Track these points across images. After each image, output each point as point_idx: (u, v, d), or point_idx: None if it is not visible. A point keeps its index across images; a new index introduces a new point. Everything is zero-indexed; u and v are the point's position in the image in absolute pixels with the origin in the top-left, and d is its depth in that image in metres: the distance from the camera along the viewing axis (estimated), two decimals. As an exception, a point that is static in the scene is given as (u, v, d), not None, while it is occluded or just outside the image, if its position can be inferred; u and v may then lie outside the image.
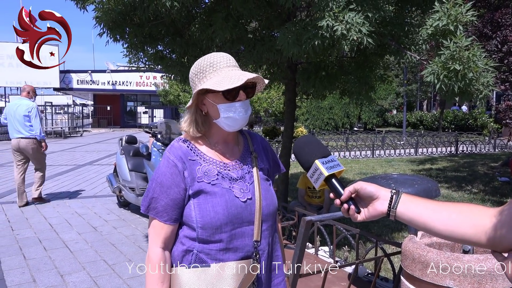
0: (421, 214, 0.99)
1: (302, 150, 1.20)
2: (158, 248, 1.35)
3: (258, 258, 1.37)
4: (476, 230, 0.91)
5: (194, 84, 1.39)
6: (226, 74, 1.33)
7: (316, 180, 1.15)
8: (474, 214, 0.93)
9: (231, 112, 1.35)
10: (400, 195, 1.04)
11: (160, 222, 1.35)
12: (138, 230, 5.51)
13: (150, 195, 1.36)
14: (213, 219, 1.31)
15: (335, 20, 2.97)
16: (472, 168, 11.14)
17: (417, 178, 2.72)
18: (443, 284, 2.13)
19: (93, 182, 8.97)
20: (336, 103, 24.57)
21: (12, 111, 6.52)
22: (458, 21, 3.05)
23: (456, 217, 0.95)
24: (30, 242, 4.94)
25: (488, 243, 0.90)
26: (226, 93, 1.33)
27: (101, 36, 3.91)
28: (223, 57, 1.38)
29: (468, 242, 0.95)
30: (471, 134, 20.57)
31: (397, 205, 1.02)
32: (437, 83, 3.01)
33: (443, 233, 0.97)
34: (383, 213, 1.05)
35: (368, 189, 1.06)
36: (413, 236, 2.47)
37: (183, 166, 1.35)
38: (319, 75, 4.40)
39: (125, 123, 34.34)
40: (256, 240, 1.38)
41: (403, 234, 5.23)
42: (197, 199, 1.34)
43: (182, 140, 1.43)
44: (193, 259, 1.34)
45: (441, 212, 0.97)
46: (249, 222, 1.37)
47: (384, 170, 10.65)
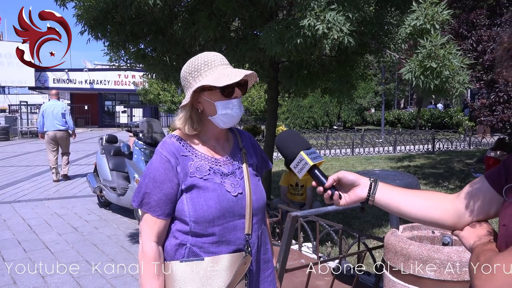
0: (396, 200, 1.15)
1: (286, 142, 1.30)
2: (152, 243, 1.37)
3: (249, 250, 1.41)
4: (442, 213, 1.09)
5: (188, 83, 1.42)
6: (222, 72, 1.37)
7: (300, 170, 1.25)
8: (439, 200, 1.11)
9: (228, 109, 1.39)
10: (378, 183, 1.18)
11: (153, 216, 1.37)
12: (120, 230, 5.46)
13: (143, 190, 1.38)
14: (206, 213, 1.34)
15: (317, 19, 3.03)
16: (449, 165, 11.43)
17: (398, 173, 2.79)
18: (425, 276, 2.21)
19: (72, 183, 8.82)
20: (316, 101, 24.79)
21: (50, 110, 8.40)
22: (434, 20, 3.15)
23: (425, 202, 1.12)
24: (9, 244, 4.84)
25: (451, 223, 1.08)
26: (223, 90, 1.37)
27: (82, 34, 3.86)
28: (217, 56, 1.42)
29: (435, 224, 1.12)
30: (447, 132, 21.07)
31: (376, 191, 1.16)
32: (414, 80, 3.10)
33: (414, 216, 1.13)
34: (362, 198, 1.18)
35: (350, 177, 1.19)
36: (395, 230, 2.55)
37: (175, 161, 1.37)
38: (301, 73, 4.45)
39: (103, 123, 33.79)
40: (247, 233, 1.41)
41: (383, 229, 5.35)
42: (189, 194, 1.37)
43: (174, 136, 1.45)
44: (186, 253, 1.36)
45: (413, 198, 1.14)
46: (240, 216, 1.41)
47: (364, 167, 10.83)
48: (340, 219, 5.78)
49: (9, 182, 8.83)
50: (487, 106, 8.26)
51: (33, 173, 10.10)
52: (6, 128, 20.85)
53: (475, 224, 1.04)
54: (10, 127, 21.90)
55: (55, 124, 8.50)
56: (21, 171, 10.35)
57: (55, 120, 8.50)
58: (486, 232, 1.00)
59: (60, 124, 8.53)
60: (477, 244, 0.95)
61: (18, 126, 22.94)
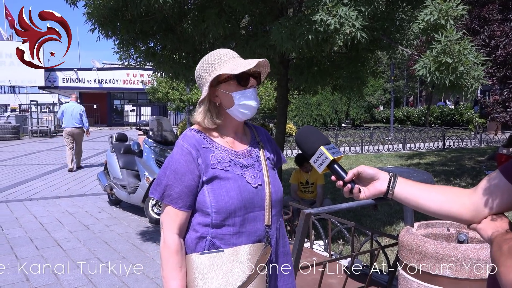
0: (414, 194, 1.17)
1: (306, 138, 1.31)
2: (174, 234, 1.38)
3: (269, 242, 1.42)
4: (459, 207, 1.10)
5: (203, 79, 1.44)
6: (236, 62, 1.40)
7: (320, 164, 1.27)
8: (457, 194, 1.13)
9: (245, 99, 1.41)
10: (397, 177, 1.20)
11: (175, 208, 1.38)
12: (131, 227, 5.47)
13: (164, 183, 1.39)
14: (228, 204, 1.36)
15: (329, 15, 2.99)
16: (460, 162, 11.31)
17: (412, 170, 2.75)
18: (441, 274, 2.17)
19: (83, 181, 8.88)
20: (325, 99, 24.69)
21: (70, 110, 10.10)
22: (449, 15, 3.10)
23: (443, 197, 1.14)
24: (21, 242, 4.88)
25: (469, 217, 1.09)
26: (239, 80, 1.39)
27: (92, 32, 3.87)
28: (229, 51, 1.45)
29: (453, 218, 1.13)
30: (457, 129, 20.87)
31: (395, 185, 1.18)
32: (429, 76, 3.06)
33: (433, 210, 1.15)
34: (382, 192, 1.20)
35: (370, 171, 1.21)
36: (409, 228, 2.51)
37: (197, 153, 1.39)
38: (311, 70, 4.42)
39: (112, 121, 33.99)
40: (267, 224, 1.42)
41: (395, 227, 5.30)
42: (211, 185, 1.38)
43: (194, 129, 1.47)
44: (206, 246, 1.37)
45: (431, 192, 1.15)
46: (260, 207, 1.42)
47: (373, 165, 10.74)
48: (351, 216, 5.74)
49: (20, 180, 8.91)
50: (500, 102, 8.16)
51: (44, 171, 10.18)
52: (16, 127, 21.05)
53: (492, 216, 1.05)
54: (21, 126, 22.11)
55: (73, 122, 10.13)
56: (32, 170, 10.44)
57: (73, 119, 10.13)
58: (504, 223, 1.01)
59: (76, 123, 10.18)
60: (496, 235, 0.96)
61: (29, 125, 23.14)
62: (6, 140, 19.80)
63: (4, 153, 14.44)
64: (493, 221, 1.02)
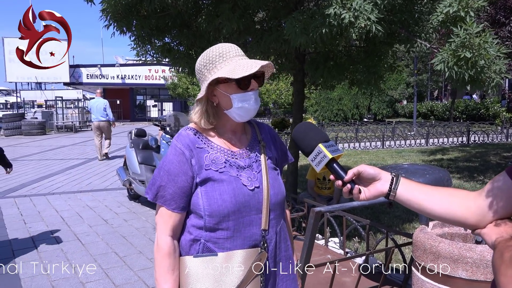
0: (418, 196, 1.11)
1: (304, 135, 1.26)
2: (167, 237, 1.35)
3: (266, 247, 1.37)
4: (464, 211, 1.04)
5: (203, 75, 1.38)
6: (238, 63, 1.32)
7: (318, 163, 1.21)
8: (462, 197, 1.07)
9: (244, 102, 1.35)
10: (399, 178, 1.14)
11: (168, 210, 1.35)
12: (149, 222, 5.54)
13: (157, 183, 1.36)
14: (221, 207, 1.31)
15: (343, 8, 2.93)
16: (484, 158, 10.99)
17: (428, 168, 2.67)
18: (456, 275, 2.10)
19: (104, 176, 9.04)
20: (346, 94, 24.37)
21: (95, 105, 11.01)
22: (469, 7, 2.98)
23: (447, 200, 1.07)
24: (43, 235, 5.00)
25: (474, 221, 1.03)
26: (239, 82, 1.32)
27: (107, 28, 3.90)
28: (231, 47, 1.37)
29: (457, 222, 1.07)
30: (483, 124, 20.28)
31: (398, 187, 1.12)
32: (447, 71, 2.95)
33: (436, 213, 1.09)
34: (383, 193, 1.14)
35: (371, 171, 1.15)
36: (424, 227, 2.44)
37: (190, 154, 1.35)
38: (327, 65, 4.35)
39: (135, 117, 34.48)
40: (264, 229, 1.37)
41: (414, 225, 5.19)
42: (204, 187, 1.33)
43: (190, 128, 1.43)
44: (200, 248, 1.34)
45: (435, 195, 1.09)
46: (257, 210, 1.36)
47: (394, 160, 10.57)
48: (369, 214, 5.65)
49: (45, 175, 9.13)
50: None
51: (67, 166, 10.41)
52: (42, 123, 21.59)
53: (498, 221, 1.00)
54: (47, 122, 22.67)
55: (99, 116, 10.97)
56: (56, 164, 10.69)
57: (98, 113, 10.97)
58: (509, 228, 0.96)
59: (102, 116, 10.99)
60: (500, 241, 0.92)
61: (54, 120, 23.69)
62: (33, 135, 20.35)
63: (31, 148, 14.84)
64: (498, 226, 0.97)
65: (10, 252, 4.42)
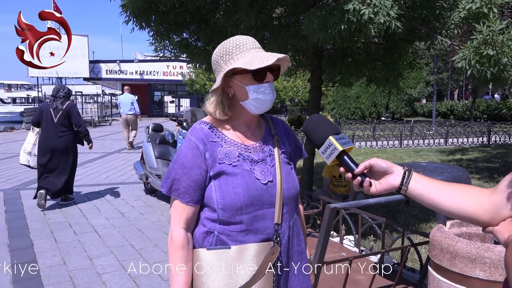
0: (430, 191, 1.09)
1: (315, 127, 1.26)
2: (180, 229, 1.36)
3: (278, 241, 1.37)
4: (477, 208, 1.02)
5: (219, 66, 1.38)
6: (254, 55, 1.33)
7: (328, 155, 1.20)
8: (475, 194, 1.04)
9: (260, 94, 1.35)
10: (412, 173, 1.12)
11: (182, 203, 1.36)
12: (164, 216, 5.59)
13: (172, 176, 1.37)
14: (234, 200, 1.31)
15: (362, 4, 2.89)
16: (505, 159, 10.76)
17: (447, 166, 2.63)
18: (473, 275, 2.07)
19: (121, 170, 9.16)
20: (363, 92, 24.13)
21: (124, 100, 12.43)
22: (492, 3, 2.92)
23: (460, 195, 1.05)
24: (61, 226, 5.10)
25: (486, 219, 1.01)
26: (255, 74, 1.33)
27: (127, 23, 3.95)
28: (248, 39, 1.38)
29: (469, 219, 1.04)
30: (504, 124, 19.84)
31: (410, 181, 1.10)
32: (469, 69, 2.90)
33: (448, 209, 1.06)
34: (395, 186, 1.12)
35: (383, 164, 1.13)
36: (441, 226, 2.41)
37: (204, 147, 1.35)
38: (345, 61, 4.31)
39: (153, 112, 34.80)
40: (277, 223, 1.37)
41: (430, 224, 5.12)
42: (218, 181, 1.34)
43: (204, 122, 1.43)
44: (214, 241, 1.34)
45: (448, 191, 1.07)
46: (270, 204, 1.37)
47: (412, 160, 10.43)
48: (385, 212, 5.60)
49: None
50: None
51: (86, 159, 10.57)
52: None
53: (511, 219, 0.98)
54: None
55: (126, 110, 12.33)
56: (75, 158, 10.86)
57: (126, 108, 12.31)
58: None
59: (129, 110, 12.35)
60: None
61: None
62: (53, 129, 20.73)
63: (50, 141, 15.12)
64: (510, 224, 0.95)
65: (30, 243, 4.52)
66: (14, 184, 7.52)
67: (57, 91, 6.03)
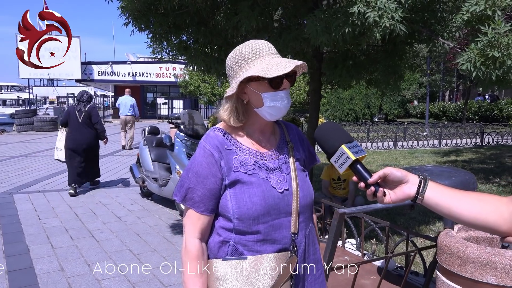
0: (447, 201, 1.06)
1: (327, 135, 1.23)
2: (195, 239, 1.32)
3: (295, 250, 1.33)
4: (497, 217, 0.99)
5: (234, 72, 1.34)
6: (271, 61, 1.28)
7: (341, 164, 1.18)
8: (494, 203, 1.02)
9: (276, 101, 1.31)
10: (427, 181, 1.09)
11: (196, 212, 1.32)
12: (162, 220, 5.53)
13: (186, 185, 1.33)
14: (250, 210, 1.27)
15: (367, 7, 2.87)
16: (499, 160, 10.84)
17: (453, 170, 2.62)
18: (484, 280, 2.05)
19: (116, 172, 9.07)
20: (357, 93, 24.22)
21: (124, 102, 13.01)
22: (496, 6, 2.91)
23: (478, 204, 1.03)
24: (57, 231, 5.01)
25: (506, 228, 0.98)
26: (271, 81, 1.28)
27: (126, 26, 3.89)
28: (265, 44, 1.33)
29: (488, 229, 1.02)
30: (496, 125, 20.02)
31: (426, 190, 1.08)
32: (474, 71, 2.89)
33: (466, 219, 1.03)
34: (410, 196, 1.09)
35: (397, 174, 1.10)
36: (449, 230, 2.39)
37: (219, 155, 1.31)
38: (346, 64, 4.29)
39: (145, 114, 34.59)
40: (293, 232, 1.33)
41: (430, 227, 5.12)
42: (233, 189, 1.30)
43: (218, 129, 1.39)
44: (229, 251, 1.30)
45: (465, 200, 1.04)
46: (286, 213, 1.33)
47: (407, 161, 10.46)
48: (384, 215, 5.59)
49: (57, 171, 9.19)
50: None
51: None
52: (54, 119, 21.74)
53: None
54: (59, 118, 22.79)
55: (126, 112, 12.94)
56: (68, 161, 10.73)
57: (126, 109, 12.93)
58: None
59: (128, 111, 12.97)
60: None
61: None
62: (45, 131, 20.52)
63: (43, 144, 14.96)
64: None
65: (26, 248, 4.44)
66: (7, 188, 7.40)
67: (81, 95, 7.26)
